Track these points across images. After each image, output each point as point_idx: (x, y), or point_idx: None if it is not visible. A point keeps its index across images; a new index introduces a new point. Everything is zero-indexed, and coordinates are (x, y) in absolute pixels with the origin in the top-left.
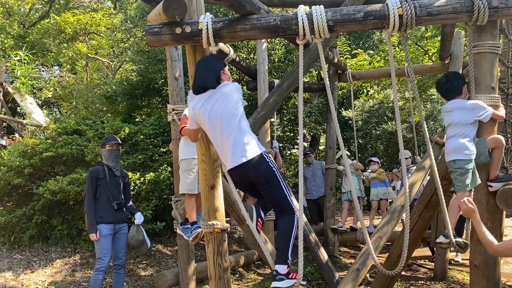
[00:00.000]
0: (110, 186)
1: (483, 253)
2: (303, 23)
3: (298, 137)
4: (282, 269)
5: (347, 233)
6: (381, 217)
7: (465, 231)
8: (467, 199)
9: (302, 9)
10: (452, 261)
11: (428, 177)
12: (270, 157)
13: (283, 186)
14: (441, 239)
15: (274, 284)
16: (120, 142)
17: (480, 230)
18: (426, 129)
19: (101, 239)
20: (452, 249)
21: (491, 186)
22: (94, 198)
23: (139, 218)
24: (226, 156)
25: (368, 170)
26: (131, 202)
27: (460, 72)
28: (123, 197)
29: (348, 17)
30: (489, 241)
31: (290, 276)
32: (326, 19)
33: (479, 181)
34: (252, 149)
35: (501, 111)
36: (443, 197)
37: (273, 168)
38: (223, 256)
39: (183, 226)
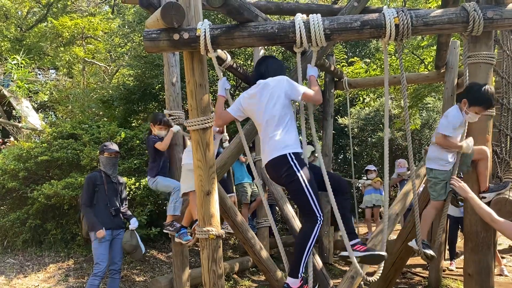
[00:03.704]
0: (108, 192)
1: (477, 262)
2: (300, 31)
3: None
4: (293, 283)
5: (342, 241)
6: (375, 224)
7: (435, 241)
8: (455, 179)
9: (300, 18)
10: (447, 269)
11: (423, 185)
12: (294, 159)
13: (306, 191)
14: (412, 243)
15: None
16: (118, 150)
17: (475, 204)
18: (411, 143)
19: (99, 245)
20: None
21: (484, 197)
22: (91, 204)
23: (133, 223)
24: (263, 151)
25: (363, 178)
26: (126, 208)
27: (455, 81)
28: (120, 203)
29: (345, 26)
30: (487, 212)
31: None
32: (323, 27)
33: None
34: (282, 148)
35: None
36: (417, 204)
37: (297, 173)
38: (218, 263)
39: (179, 233)
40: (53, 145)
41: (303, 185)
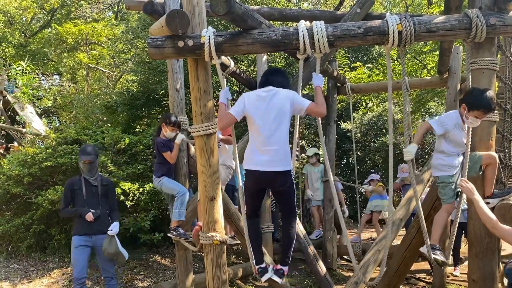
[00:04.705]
0: (87, 196)
1: (481, 268)
2: (303, 38)
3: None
4: (286, 269)
5: (345, 247)
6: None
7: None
8: (463, 180)
9: (303, 25)
10: (451, 275)
11: (427, 190)
12: (293, 174)
13: (295, 198)
14: (424, 249)
15: (274, 277)
16: (91, 159)
17: (478, 207)
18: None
19: (74, 250)
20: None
21: (488, 203)
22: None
23: (112, 228)
24: (262, 157)
25: (365, 183)
26: (115, 210)
27: (458, 87)
28: (105, 206)
29: (348, 32)
30: (489, 217)
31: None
32: (326, 34)
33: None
34: (288, 162)
35: None
36: (421, 210)
37: (293, 184)
38: (222, 268)
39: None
40: (58, 151)
41: (295, 194)
